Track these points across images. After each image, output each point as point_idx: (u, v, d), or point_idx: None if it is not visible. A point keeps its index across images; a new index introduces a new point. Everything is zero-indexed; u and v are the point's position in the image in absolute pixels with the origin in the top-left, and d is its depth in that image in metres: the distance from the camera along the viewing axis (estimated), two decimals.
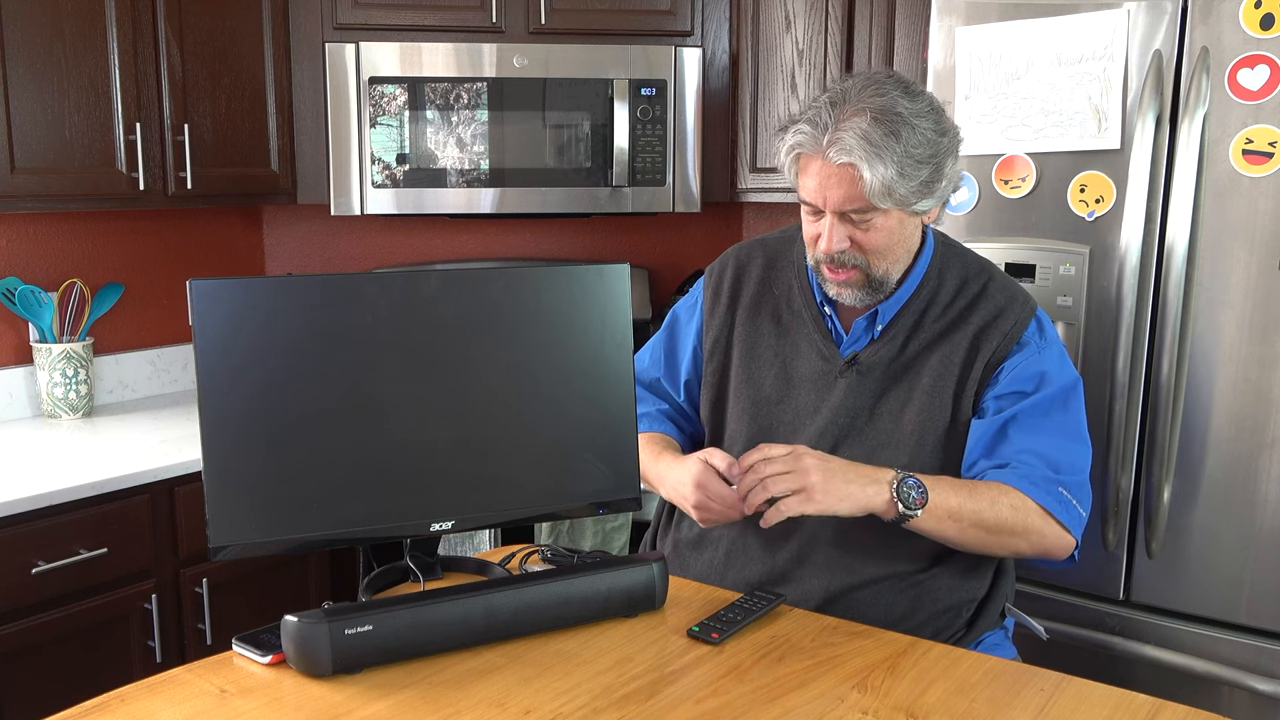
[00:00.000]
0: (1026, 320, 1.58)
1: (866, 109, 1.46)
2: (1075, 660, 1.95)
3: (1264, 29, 1.78)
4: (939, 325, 1.59)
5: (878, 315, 1.60)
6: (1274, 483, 1.86)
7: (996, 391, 1.56)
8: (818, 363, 1.62)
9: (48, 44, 2.26)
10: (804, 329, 1.65)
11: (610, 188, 2.80)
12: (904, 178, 1.45)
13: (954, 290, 1.60)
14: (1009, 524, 1.47)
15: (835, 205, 1.49)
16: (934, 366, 1.57)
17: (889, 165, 1.44)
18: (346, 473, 1.37)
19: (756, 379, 1.66)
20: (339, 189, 2.74)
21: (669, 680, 1.27)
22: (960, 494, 1.46)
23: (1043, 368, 1.56)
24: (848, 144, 1.44)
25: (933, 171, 1.49)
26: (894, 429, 1.57)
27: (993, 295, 1.59)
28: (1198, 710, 1.22)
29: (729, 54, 2.88)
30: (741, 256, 1.75)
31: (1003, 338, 1.56)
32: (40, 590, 2.04)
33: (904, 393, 1.58)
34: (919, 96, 1.50)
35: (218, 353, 1.31)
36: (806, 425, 1.61)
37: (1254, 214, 1.82)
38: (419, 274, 1.43)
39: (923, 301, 1.60)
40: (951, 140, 1.52)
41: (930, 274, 1.61)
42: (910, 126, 1.46)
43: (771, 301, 1.69)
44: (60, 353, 2.58)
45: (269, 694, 1.23)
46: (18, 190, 2.25)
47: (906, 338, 1.59)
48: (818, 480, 1.40)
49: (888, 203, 1.47)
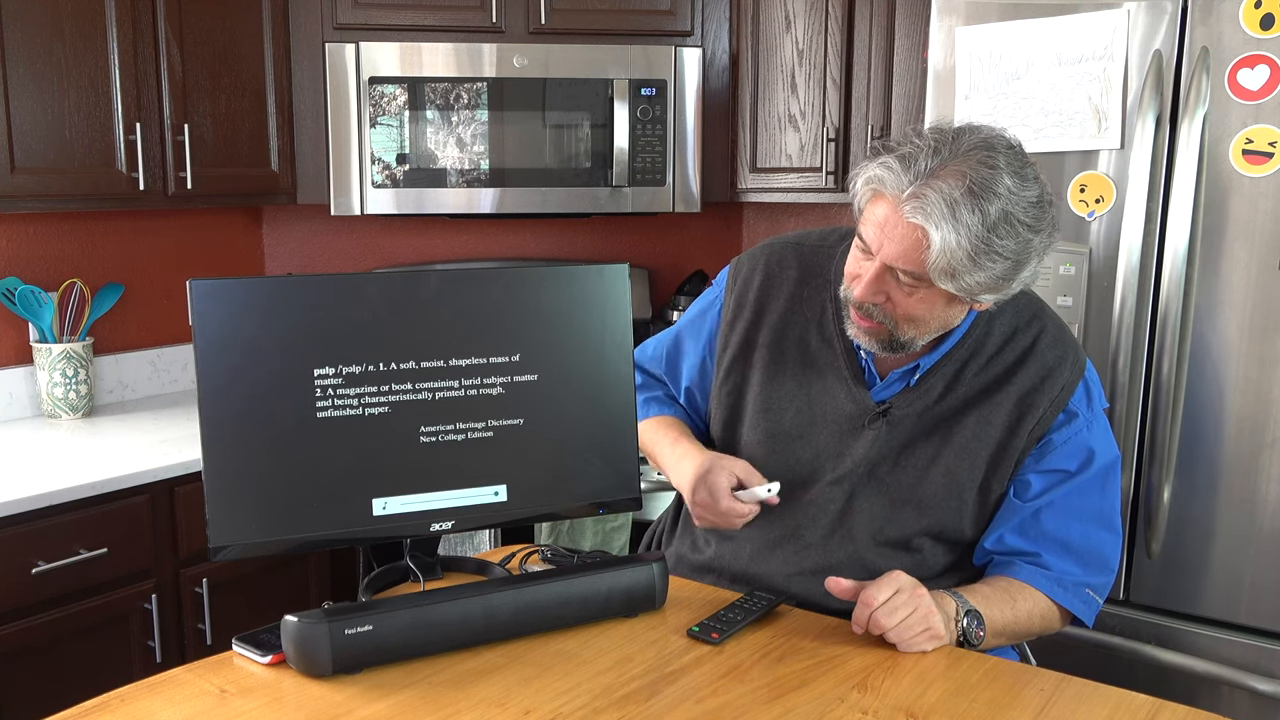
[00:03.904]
0: (1074, 383, 1.46)
1: (966, 175, 1.29)
2: (1075, 660, 1.95)
3: (1264, 29, 1.78)
4: (981, 380, 1.47)
5: (918, 367, 1.48)
6: (1274, 483, 1.86)
7: (1041, 467, 1.47)
8: (846, 404, 1.51)
9: (48, 44, 2.26)
10: (834, 363, 1.52)
11: (610, 188, 2.80)
12: (975, 266, 1.30)
13: (1001, 340, 1.48)
14: (1036, 630, 1.48)
15: (888, 258, 1.33)
16: (971, 425, 1.46)
17: (961, 246, 1.28)
18: (346, 473, 1.37)
19: (777, 409, 1.55)
20: (339, 189, 2.74)
21: (669, 680, 1.27)
22: (1004, 611, 1.42)
23: (1091, 444, 1.47)
24: (928, 206, 1.28)
25: (1009, 269, 1.32)
26: (918, 485, 1.48)
27: (1042, 353, 1.46)
28: (1198, 710, 1.22)
29: (729, 54, 2.88)
30: (773, 264, 1.60)
31: (1049, 404, 1.45)
32: (40, 590, 2.04)
33: (934, 447, 1.47)
34: (1030, 183, 1.32)
35: (218, 353, 1.31)
36: (826, 470, 1.51)
37: (1254, 214, 1.82)
38: (419, 274, 1.43)
39: (967, 350, 1.48)
40: (1044, 240, 1.33)
41: (979, 321, 1.48)
42: (1005, 216, 1.29)
43: (800, 324, 1.55)
44: (60, 353, 2.58)
45: (269, 694, 1.23)
46: (18, 190, 2.25)
47: (945, 388, 1.47)
48: (936, 619, 1.34)
49: (942, 280, 1.31)
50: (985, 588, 1.45)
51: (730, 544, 1.59)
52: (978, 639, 1.38)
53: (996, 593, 1.44)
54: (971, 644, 1.38)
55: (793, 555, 1.54)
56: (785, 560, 1.54)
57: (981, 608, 1.40)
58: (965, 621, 1.37)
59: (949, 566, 1.54)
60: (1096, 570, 1.49)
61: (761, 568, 1.55)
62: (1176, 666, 1.94)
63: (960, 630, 1.37)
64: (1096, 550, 1.49)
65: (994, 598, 1.43)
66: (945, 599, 1.38)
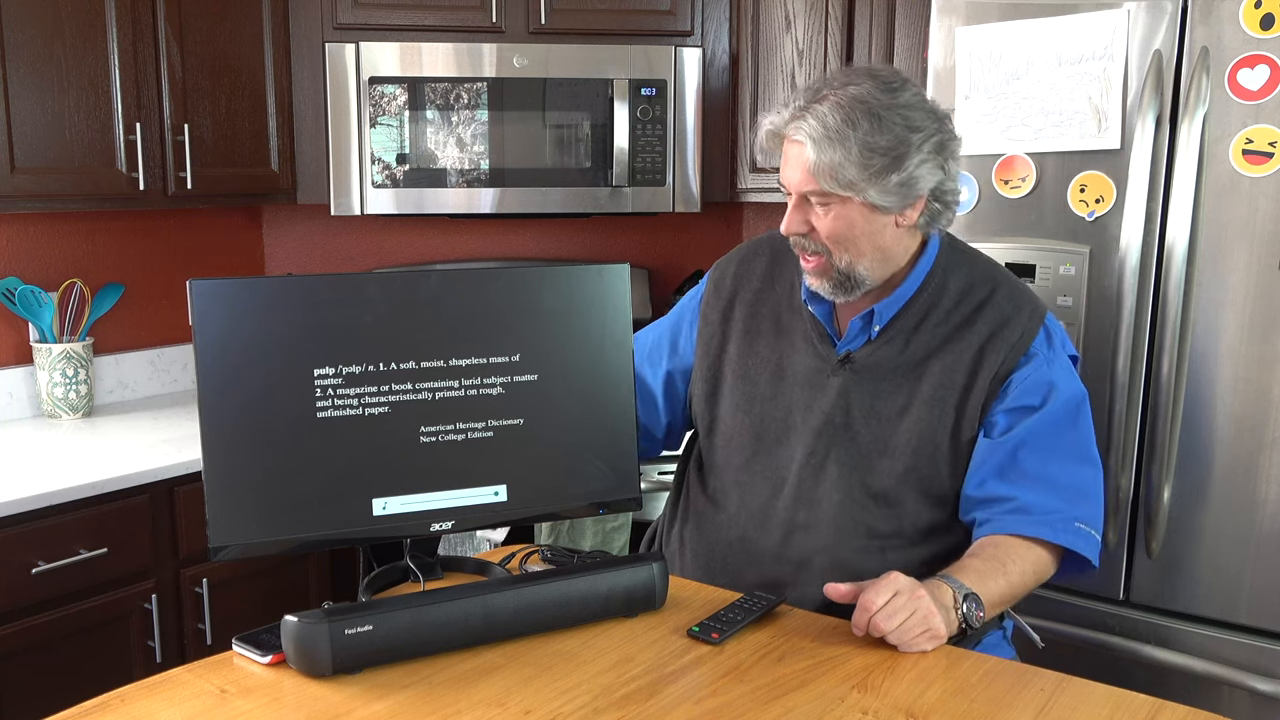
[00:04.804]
0: (1034, 329, 1.55)
1: (836, 95, 1.47)
2: (1075, 660, 1.95)
3: (1264, 29, 1.78)
4: (943, 330, 1.56)
5: (874, 315, 1.57)
6: (1274, 483, 1.86)
7: (1005, 405, 1.53)
8: (812, 360, 1.61)
9: (48, 44, 2.26)
10: (801, 328, 1.63)
11: (610, 188, 2.80)
12: (852, 164, 1.45)
13: (958, 295, 1.57)
14: (1031, 586, 1.49)
15: (795, 186, 1.50)
16: (936, 374, 1.54)
17: (837, 150, 1.44)
18: (346, 473, 1.37)
19: (752, 375, 1.65)
20: (339, 189, 2.74)
21: (669, 680, 1.27)
22: (998, 581, 1.44)
23: (1051, 378, 1.53)
24: (804, 126, 1.46)
25: (889, 164, 1.46)
26: (890, 435, 1.55)
27: (999, 303, 1.56)
28: (1197, 710, 1.22)
29: (729, 54, 2.88)
30: (746, 252, 1.74)
31: (1010, 349, 1.53)
32: (40, 590, 2.04)
33: (903, 398, 1.55)
34: (898, 91, 1.48)
35: (218, 353, 1.31)
36: (799, 424, 1.60)
37: (1254, 214, 1.82)
38: (419, 274, 1.43)
39: (924, 304, 1.57)
40: (924, 141, 1.47)
41: (933, 275, 1.58)
42: (875, 117, 1.45)
43: (773, 299, 1.67)
44: (60, 353, 2.58)
45: (269, 694, 1.23)
46: (18, 190, 2.25)
47: (907, 340, 1.56)
48: (936, 620, 1.35)
49: (833, 185, 1.47)
50: (976, 561, 1.46)
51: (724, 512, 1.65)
52: (978, 621, 1.40)
53: (987, 565, 1.46)
54: (972, 626, 1.39)
55: (782, 511, 1.59)
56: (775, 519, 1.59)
57: (976, 587, 1.41)
58: (965, 607, 1.38)
59: (932, 527, 1.57)
60: (1080, 502, 1.52)
61: (756, 531, 1.61)
62: (1176, 666, 1.94)
63: (961, 617, 1.38)
64: (1077, 484, 1.53)
65: (986, 571, 1.44)
66: (942, 588, 1.39)
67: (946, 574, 1.43)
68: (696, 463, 1.73)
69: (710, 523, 1.67)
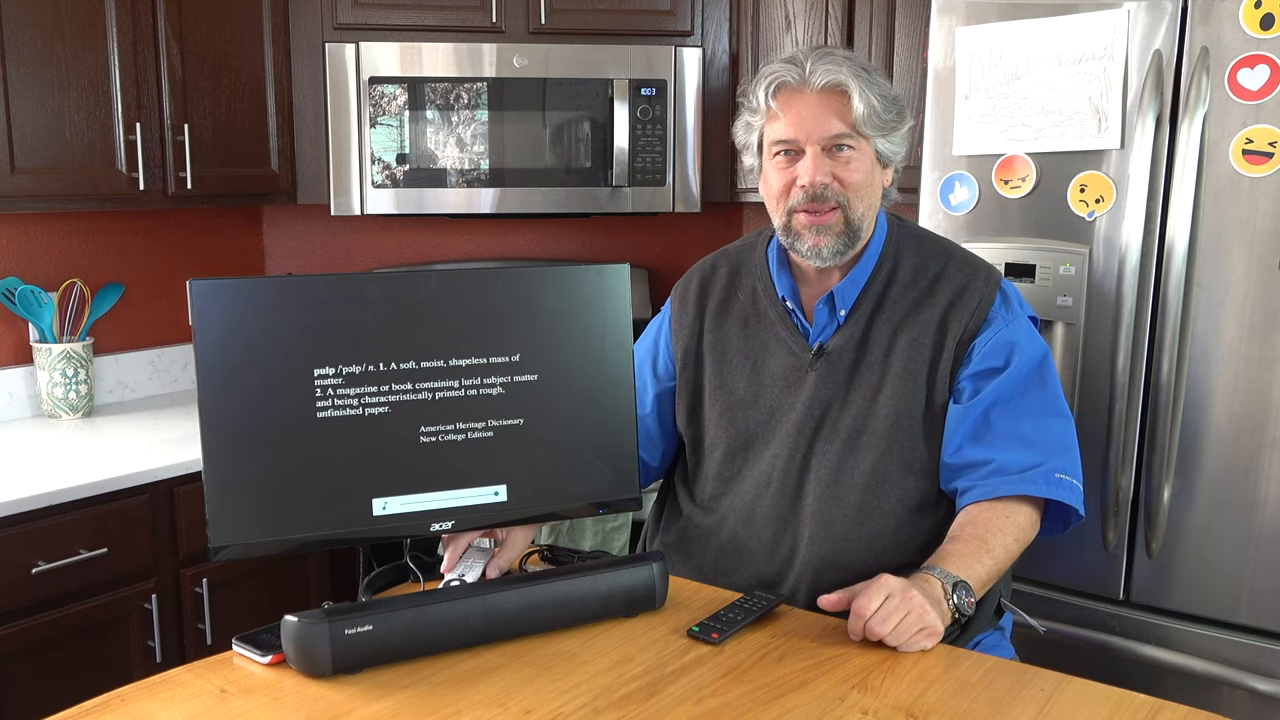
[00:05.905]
0: (992, 294, 1.58)
1: (841, 53, 1.55)
2: (1075, 660, 1.95)
3: (1264, 29, 1.78)
4: (903, 305, 1.59)
5: (835, 300, 1.60)
6: (1274, 483, 1.86)
7: (970, 370, 1.56)
8: (787, 359, 1.62)
9: (48, 44, 2.26)
10: (771, 328, 1.65)
11: (610, 188, 2.80)
12: (880, 109, 1.52)
13: (913, 269, 1.61)
14: (1015, 552, 1.50)
15: (819, 136, 1.52)
16: (903, 350, 1.57)
17: (873, 92, 1.51)
18: (346, 473, 1.37)
19: (729, 384, 1.66)
20: (339, 189, 2.74)
21: (669, 680, 1.27)
22: (983, 561, 1.44)
23: (1012, 338, 1.56)
24: (837, 65, 1.51)
25: (897, 117, 1.55)
26: (869, 416, 1.57)
27: (953, 273, 1.59)
28: (1197, 710, 1.22)
29: (729, 54, 2.88)
30: (705, 268, 1.77)
31: (970, 315, 1.56)
32: (40, 590, 2.04)
33: (875, 378, 1.57)
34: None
35: (218, 353, 1.31)
36: (782, 423, 1.61)
37: (1254, 214, 1.82)
38: (419, 274, 1.43)
39: (881, 282, 1.60)
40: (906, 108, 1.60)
41: (886, 252, 1.62)
42: (881, 73, 1.56)
43: (738, 306, 1.69)
44: (60, 353, 2.58)
45: (269, 694, 1.23)
46: (18, 190, 2.25)
47: (870, 319, 1.59)
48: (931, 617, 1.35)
49: (869, 129, 1.52)
50: (958, 545, 1.47)
51: (713, 515, 1.66)
52: (969, 608, 1.40)
53: (969, 546, 1.46)
54: (964, 614, 1.40)
55: (770, 509, 1.59)
56: (763, 517, 1.60)
57: (963, 572, 1.42)
58: (956, 597, 1.39)
59: (921, 504, 1.57)
60: (1057, 453, 1.54)
61: (748, 530, 1.61)
62: (1176, 666, 1.94)
63: (953, 608, 1.39)
64: (1051, 437, 1.55)
65: (969, 553, 1.45)
66: (930, 581, 1.40)
67: (931, 565, 1.44)
68: (682, 474, 1.75)
69: (699, 528, 1.67)
